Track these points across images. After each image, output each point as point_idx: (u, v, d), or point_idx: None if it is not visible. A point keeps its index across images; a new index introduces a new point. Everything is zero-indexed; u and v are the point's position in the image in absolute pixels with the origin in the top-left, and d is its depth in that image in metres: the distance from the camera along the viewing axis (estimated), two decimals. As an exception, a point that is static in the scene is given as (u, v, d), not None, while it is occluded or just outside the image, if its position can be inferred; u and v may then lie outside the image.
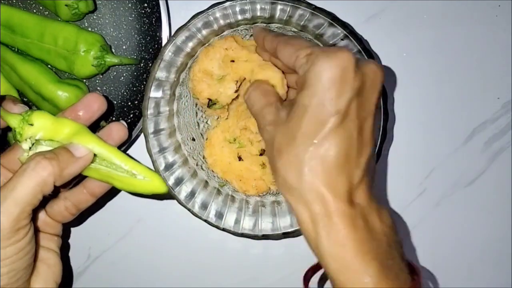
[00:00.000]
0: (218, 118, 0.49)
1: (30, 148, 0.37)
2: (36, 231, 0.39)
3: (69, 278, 0.54)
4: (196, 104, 0.49)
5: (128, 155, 0.41)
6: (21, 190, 0.34)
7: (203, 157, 0.49)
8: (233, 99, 0.47)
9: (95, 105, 0.41)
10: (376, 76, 0.36)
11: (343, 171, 0.34)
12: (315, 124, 0.34)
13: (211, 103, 0.47)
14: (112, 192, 0.41)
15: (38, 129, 0.37)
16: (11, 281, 0.35)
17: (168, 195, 0.45)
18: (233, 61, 0.46)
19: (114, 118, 0.52)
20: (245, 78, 0.46)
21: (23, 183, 0.34)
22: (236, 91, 0.46)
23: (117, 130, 0.42)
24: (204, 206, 0.47)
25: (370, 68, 0.36)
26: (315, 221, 0.34)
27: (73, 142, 0.38)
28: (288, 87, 0.43)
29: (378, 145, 0.45)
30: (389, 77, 0.54)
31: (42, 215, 0.43)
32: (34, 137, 0.37)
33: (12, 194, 0.34)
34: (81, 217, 0.49)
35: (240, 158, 0.47)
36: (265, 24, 0.47)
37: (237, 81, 0.46)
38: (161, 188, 0.40)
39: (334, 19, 0.44)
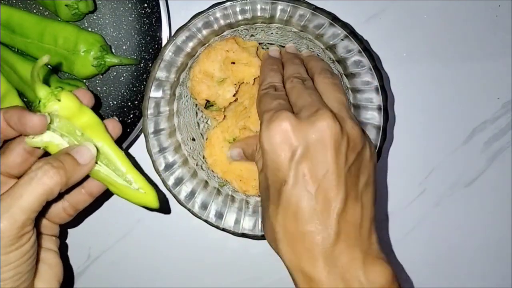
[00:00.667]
0: (210, 121, 0.49)
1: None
2: (38, 233, 0.39)
3: (70, 277, 0.54)
4: (196, 104, 0.49)
5: (135, 165, 0.41)
6: (27, 199, 0.34)
7: (203, 157, 0.49)
8: (231, 102, 0.47)
9: (83, 101, 0.40)
10: (322, 133, 0.37)
11: (309, 236, 0.35)
12: (275, 186, 0.37)
13: (208, 105, 0.47)
14: (110, 192, 0.41)
15: (62, 107, 0.37)
16: (16, 284, 0.35)
17: (162, 208, 0.45)
18: (233, 63, 0.46)
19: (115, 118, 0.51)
20: (243, 82, 0.46)
21: (30, 192, 0.34)
22: (235, 95, 0.46)
23: (113, 127, 0.41)
24: (204, 206, 0.47)
25: (316, 128, 0.37)
26: None
27: (79, 145, 0.38)
28: None
29: (378, 145, 0.45)
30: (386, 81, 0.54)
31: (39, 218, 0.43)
32: (56, 113, 0.37)
33: (19, 202, 0.34)
34: (78, 218, 0.49)
35: None
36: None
37: (236, 85, 0.46)
38: (153, 203, 0.40)
39: (334, 19, 0.44)
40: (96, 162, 0.39)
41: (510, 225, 0.54)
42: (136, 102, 0.51)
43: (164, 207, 0.46)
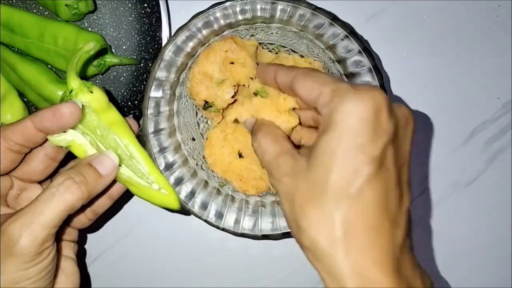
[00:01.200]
0: (210, 120, 0.49)
1: None
2: (58, 241, 0.39)
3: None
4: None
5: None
6: (48, 215, 0.33)
7: (203, 157, 0.49)
8: (229, 104, 0.47)
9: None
10: (408, 121, 0.32)
11: (383, 232, 0.29)
12: (345, 174, 0.29)
13: (207, 105, 0.47)
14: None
15: (94, 99, 0.37)
16: None
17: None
18: (232, 63, 0.46)
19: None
20: (240, 84, 0.46)
21: (51, 208, 0.34)
22: (233, 97, 0.46)
23: (131, 125, 0.41)
24: (204, 206, 0.47)
25: (403, 112, 0.32)
26: None
27: (101, 154, 0.37)
28: (300, 124, 0.40)
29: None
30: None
31: None
32: (86, 104, 0.36)
33: (39, 218, 0.33)
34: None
35: (240, 155, 0.47)
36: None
37: (234, 86, 0.46)
38: (174, 204, 0.40)
39: (334, 19, 0.44)
40: (120, 165, 0.38)
41: (510, 225, 0.54)
42: (136, 102, 0.51)
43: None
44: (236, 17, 0.45)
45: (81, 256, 0.53)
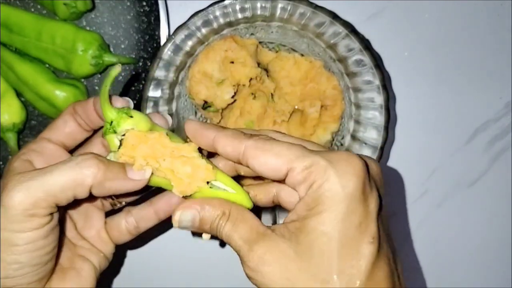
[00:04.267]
0: (210, 120, 0.49)
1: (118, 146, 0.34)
2: (62, 234, 0.36)
3: None
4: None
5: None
6: (53, 178, 0.31)
7: (203, 158, 0.48)
8: (229, 104, 0.46)
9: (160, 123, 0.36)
10: (378, 175, 0.31)
11: None
12: (350, 258, 0.28)
13: (206, 105, 0.46)
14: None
15: (137, 122, 0.34)
16: (14, 274, 0.32)
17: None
18: (232, 62, 0.45)
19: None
20: (239, 84, 0.46)
21: (60, 171, 0.31)
22: (233, 97, 0.46)
23: (160, 119, 0.37)
24: (204, 207, 0.46)
25: (374, 170, 0.31)
26: None
27: (136, 165, 0.34)
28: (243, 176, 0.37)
29: (380, 145, 0.44)
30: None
31: (98, 226, 0.39)
32: (132, 129, 0.34)
33: (43, 177, 0.31)
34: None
35: None
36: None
37: (234, 86, 0.46)
38: (246, 202, 0.34)
39: (335, 18, 0.44)
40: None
41: (513, 225, 0.54)
42: (135, 102, 0.51)
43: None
44: (236, 15, 0.45)
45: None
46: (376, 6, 0.53)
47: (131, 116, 0.34)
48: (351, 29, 0.44)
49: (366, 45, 0.44)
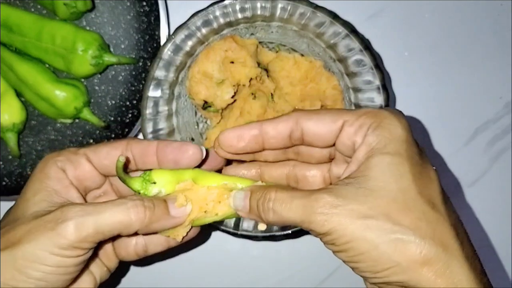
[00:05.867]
0: (209, 120, 0.49)
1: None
2: (92, 257, 0.37)
3: None
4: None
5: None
6: (105, 218, 0.32)
7: (203, 158, 0.48)
8: (229, 104, 0.46)
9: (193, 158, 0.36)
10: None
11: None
12: (422, 178, 0.31)
13: (206, 105, 0.46)
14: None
15: (161, 186, 0.35)
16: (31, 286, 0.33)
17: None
18: (232, 62, 0.45)
19: (112, 118, 0.51)
20: (239, 84, 0.46)
21: (112, 214, 0.33)
22: (233, 97, 0.46)
23: (193, 153, 0.36)
24: (204, 207, 0.46)
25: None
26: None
27: (175, 197, 0.35)
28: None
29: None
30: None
31: (106, 242, 0.39)
32: (161, 194, 0.35)
33: (96, 216, 0.32)
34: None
35: None
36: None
37: (234, 86, 0.46)
38: None
39: (335, 18, 0.44)
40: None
41: (513, 226, 0.54)
42: (135, 102, 0.51)
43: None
44: (236, 15, 0.45)
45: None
46: (376, 6, 0.53)
47: (154, 182, 0.35)
48: (351, 29, 0.44)
49: (366, 45, 0.44)
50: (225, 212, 0.35)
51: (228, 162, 0.38)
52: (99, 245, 0.35)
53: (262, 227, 0.35)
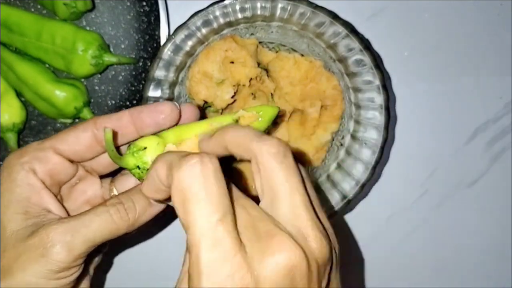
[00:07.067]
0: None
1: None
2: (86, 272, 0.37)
3: None
4: (196, 104, 0.49)
5: None
6: (93, 231, 0.32)
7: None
8: (229, 104, 0.46)
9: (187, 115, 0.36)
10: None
11: None
12: None
13: (206, 105, 0.46)
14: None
15: (152, 151, 0.33)
16: None
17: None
18: (232, 62, 0.45)
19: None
20: (240, 84, 0.46)
21: (98, 225, 0.32)
22: (233, 97, 0.46)
23: (190, 112, 0.36)
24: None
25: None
26: None
27: None
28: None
29: (380, 146, 0.44)
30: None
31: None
32: (154, 158, 0.33)
33: (83, 230, 0.32)
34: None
35: None
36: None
37: (234, 86, 0.46)
38: (271, 111, 0.35)
39: (335, 18, 0.44)
40: None
41: (513, 226, 0.54)
42: (135, 102, 0.51)
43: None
44: (236, 15, 0.45)
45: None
46: (376, 6, 0.53)
47: (145, 148, 0.33)
48: (351, 29, 0.44)
49: (366, 45, 0.44)
50: None
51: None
52: None
53: None
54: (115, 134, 0.35)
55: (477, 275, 0.55)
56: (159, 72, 0.45)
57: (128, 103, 0.51)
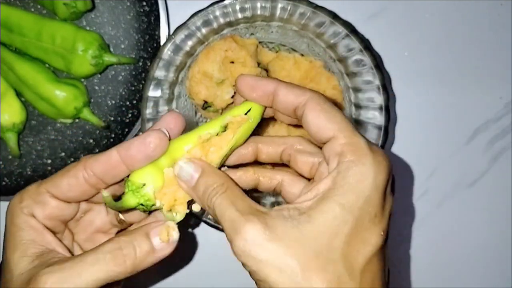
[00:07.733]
0: (209, 121, 0.49)
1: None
2: None
3: None
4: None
5: None
6: (85, 280, 0.31)
7: (203, 157, 0.48)
8: (229, 104, 0.46)
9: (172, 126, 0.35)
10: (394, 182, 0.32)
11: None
12: (356, 243, 0.29)
13: (206, 105, 0.46)
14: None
15: (150, 183, 0.33)
16: None
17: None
18: (232, 62, 0.45)
19: (112, 118, 0.51)
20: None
21: (91, 273, 0.31)
22: (233, 97, 0.46)
23: (175, 120, 0.35)
24: (204, 207, 0.46)
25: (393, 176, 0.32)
26: None
27: (163, 225, 0.33)
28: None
29: (380, 146, 0.44)
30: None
31: None
32: (154, 192, 0.33)
33: (75, 280, 0.31)
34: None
35: None
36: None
37: (234, 86, 0.46)
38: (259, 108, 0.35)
39: (335, 18, 0.44)
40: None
41: (513, 226, 0.54)
42: (135, 102, 0.51)
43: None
44: (236, 15, 0.45)
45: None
46: (376, 6, 0.53)
47: (144, 184, 0.33)
48: (351, 29, 0.44)
49: (366, 45, 0.44)
50: (217, 156, 0.33)
51: None
52: None
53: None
54: (107, 177, 0.34)
55: (477, 275, 0.55)
56: (159, 72, 0.45)
57: (128, 102, 0.51)
